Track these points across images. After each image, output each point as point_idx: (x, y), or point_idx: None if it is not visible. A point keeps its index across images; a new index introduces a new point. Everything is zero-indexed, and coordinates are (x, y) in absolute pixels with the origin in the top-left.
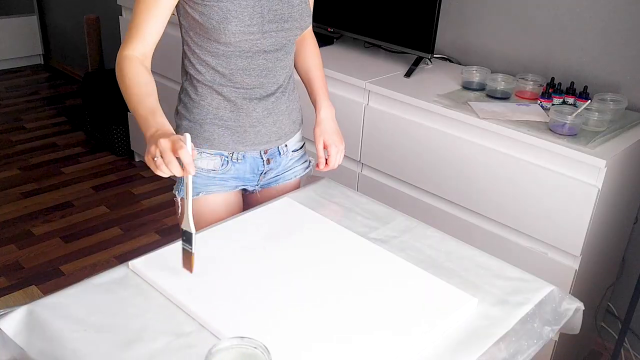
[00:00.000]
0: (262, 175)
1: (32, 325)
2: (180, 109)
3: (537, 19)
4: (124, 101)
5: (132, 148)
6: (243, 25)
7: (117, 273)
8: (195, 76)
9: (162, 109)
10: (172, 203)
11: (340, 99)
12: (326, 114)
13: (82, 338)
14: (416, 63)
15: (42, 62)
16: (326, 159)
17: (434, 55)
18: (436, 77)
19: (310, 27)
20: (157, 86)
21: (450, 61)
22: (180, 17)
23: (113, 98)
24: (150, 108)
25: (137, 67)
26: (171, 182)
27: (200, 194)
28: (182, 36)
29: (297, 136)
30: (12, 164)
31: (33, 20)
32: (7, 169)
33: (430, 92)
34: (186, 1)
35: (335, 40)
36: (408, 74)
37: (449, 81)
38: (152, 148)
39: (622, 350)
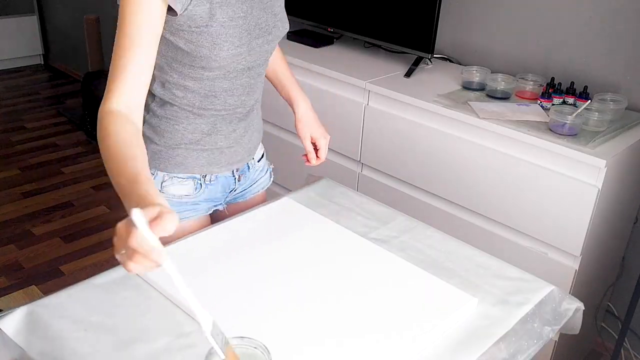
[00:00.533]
0: (231, 192)
1: (32, 326)
2: (146, 132)
3: (537, 19)
4: None
5: None
6: (233, 47)
7: (117, 273)
8: (170, 100)
9: None
10: None
11: (340, 99)
12: (305, 107)
13: (82, 338)
14: (416, 63)
15: (42, 62)
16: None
17: (434, 55)
18: (436, 77)
19: None
20: None
21: (450, 61)
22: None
23: None
24: (132, 174)
25: (120, 124)
26: None
27: None
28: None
29: (259, 146)
30: (12, 164)
31: (33, 20)
32: (7, 169)
33: (430, 92)
34: (166, 28)
35: (335, 40)
36: (408, 74)
37: (449, 81)
38: (114, 239)
39: (622, 350)
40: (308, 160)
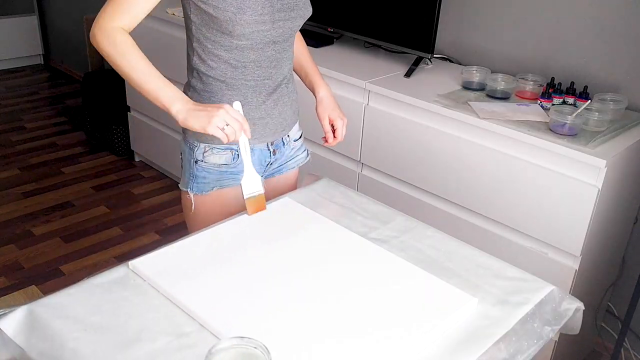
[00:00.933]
0: (268, 166)
1: (32, 325)
2: None
3: (537, 19)
4: (124, 101)
5: (132, 148)
6: (256, 14)
7: (117, 273)
8: (206, 72)
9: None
10: (172, 203)
11: (340, 99)
12: (325, 91)
13: (82, 338)
14: (416, 63)
15: (42, 62)
16: (333, 133)
17: (434, 55)
18: (436, 77)
19: None
20: None
21: (450, 61)
22: (191, 14)
23: (113, 98)
24: (164, 79)
25: (132, 40)
26: (171, 182)
27: (215, 188)
28: (189, 35)
29: (297, 126)
30: (12, 164)
31: (33, 20)
32: (7, 168)
33: (431, 92)
34: None
35: (335, 40)
36: (408, 74)
37: (449, 81)
38: (216, 119)
39: (622, 350)
40: (327, 141)
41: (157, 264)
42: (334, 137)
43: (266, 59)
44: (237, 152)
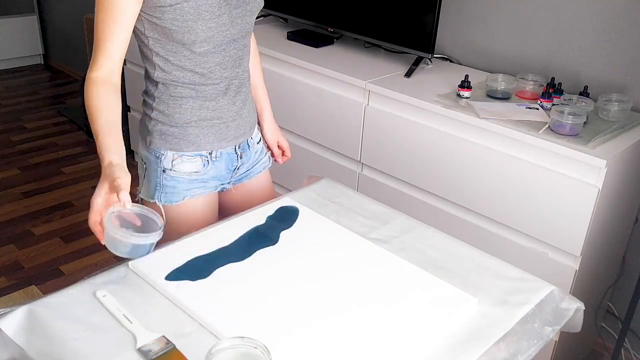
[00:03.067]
0: (235, 171)
1: (32, 325)
2: (154, 116)
3: (537, 18)
4: (124, 101)
5: (132, 148)
6: (215, 16)
7: (117, 273)
8: (173, 82)
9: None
10: None
11: (340, 99)
12: (271, 115)
13: (82, 338)
14: (416, 63)
15: (42, 62)
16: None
17: (434, 55)
18: (436, 77)
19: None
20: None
21: (451, 61)
22: (145, 31)
23: None
24: (96, 134)
25: (101, 90)
26: None
27: (185, 198)
28: (144, 50)
29: (256, 127)
30: (13, 163)
31: (33, 20)
32: (7, 168)
33: (431, 92)
34: (151, 14)
35: (335, 40)
36: (408, 74)
37: (449, 81)
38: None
39: (622, 350)
40: (277, 160)
41: (157, 264)
42: (284, 155)
43: (229, 59)
44: (206, 159)
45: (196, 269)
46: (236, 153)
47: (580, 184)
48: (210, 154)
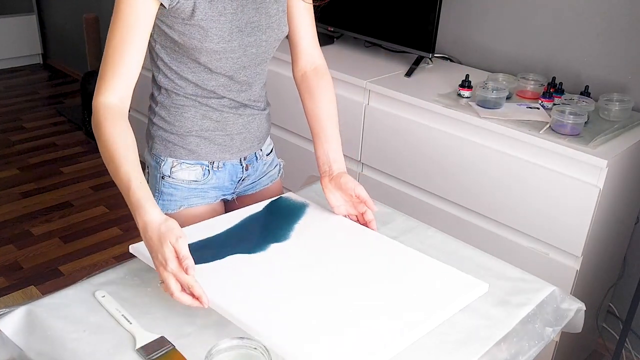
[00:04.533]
0: (240, 182)
1: (31, 326)
2: (156, 121)
3: (538, 18)
4: None
5: None
6: (224, 41)
7: (116, 273)
8: (175, 90)
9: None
10: None
11: (340, 98)
12: (343, 168)
13: (81, 338)
14: (417, 62)
15: (41, 62)
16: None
17: (435, 55)
18: (437, 76)
19: (323, 61)
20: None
21: (451, 61)
22: (154, 34)
23: None
24: (125, 182)
25: (113, 124)
26: None
27: (182, 207)
28: (152, 53)
29: (269, 139)
30: (11, 163)
31: (32, 20)
32: (6, 168)
33: (431, 91)
34: (163, 21)
35: (335, 39)
36: (409, 74)
37: (449, 81)
38: (156, 263)
39: (623, 351)
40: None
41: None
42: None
43: (236, 84)
44: (207, 168)
45: (205, 252)
46: (241, 165)
47: (581, 184)
48: (212, 163)
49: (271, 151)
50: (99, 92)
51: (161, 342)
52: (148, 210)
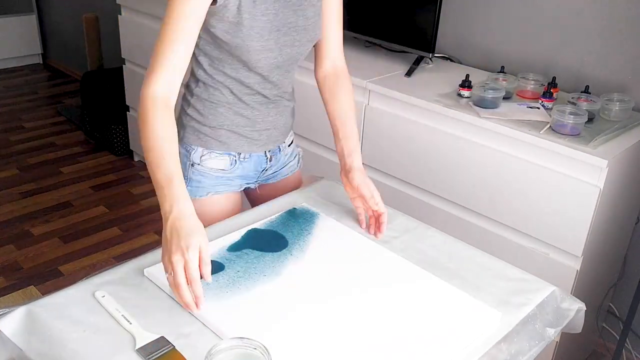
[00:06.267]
0: (263, 172)
1: (31, 326)
2: (190, 112)
3: (538, 18)
4: (123, 100)
5: (131, 148)
6: (264, 40)
7: (115, 273)
8: (212, 85)
9: None
10: None
11: None
12: (360, 163)
13: (81, 338)
14: (417, 62)
15: (41, 62)
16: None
17: (435, 55)
18: (437, 76)
19: (344, 64)
20: None
21: (452, 60)
22: (201, 31)
23: (112, 97)
24: (167, 175)
25: (161, 116)
26: None
27: (209, 194)
28: (195, 47)
29: (290, 132)
30: (11, 163)
31: (32, 20)
32: (6, 168)
33: (431, 91)
34: (209, 18)
35: None
36: (409, 74)
37: (450, 81)
38: (165, 258)
39: (623, 351)
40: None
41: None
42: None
43: (268, 82)
44: (235, 158)
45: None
46: (266, 156)
47: (582, 184)
48: (239, 154)
49: (292, 141)
50: (149, 82)
51: (161, 342)
52: (186, 204)
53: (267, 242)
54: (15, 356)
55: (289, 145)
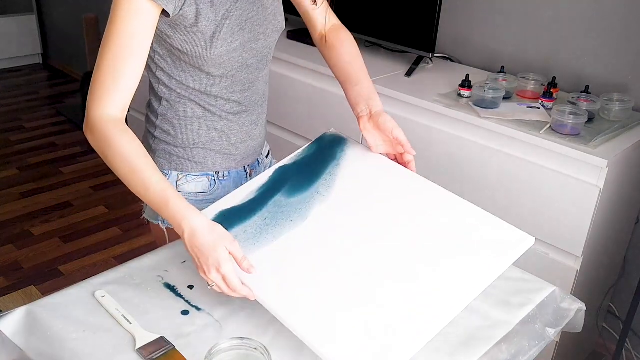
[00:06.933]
0: None
1: (31, 326)
2: (158, 135)
3: (538, 18)
4: None
5: None
6: (226, 43)
7: (116, 273)
8: (177, 100)
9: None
10: None
11: (340, 98)
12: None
13: (81, 339)
14: (417, 62)
15: (41, 62)
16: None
17: (435, 55)
18: (437, 76)
19: (339, 21)
20: None
21: (452, 60)
22: (154, 44)
23: None
24: (160, 194)
25: (124, 133)
26: None
27: None
28: (150, 62)
29: (265, 144)
30: (11, 163)
31: (32, 20)
32: (6, 168)
33: (431, 91)
34: (164, 30)
35: None
36: (409, 74)
37: (450, 81)
38: (204, 270)
39: (623, 351)
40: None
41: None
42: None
43: (238, 83)
44: (213, 178)
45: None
46: (245, 171)
47: (582, 184)
48: (217, 173)
49: (269, 152)
50: (99, 104)
51: (161, 342)
52: (194, 218)
53: (296, 179)
54: (15, 356)
55: (266, 157)
